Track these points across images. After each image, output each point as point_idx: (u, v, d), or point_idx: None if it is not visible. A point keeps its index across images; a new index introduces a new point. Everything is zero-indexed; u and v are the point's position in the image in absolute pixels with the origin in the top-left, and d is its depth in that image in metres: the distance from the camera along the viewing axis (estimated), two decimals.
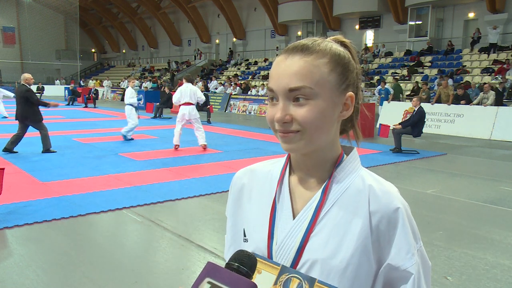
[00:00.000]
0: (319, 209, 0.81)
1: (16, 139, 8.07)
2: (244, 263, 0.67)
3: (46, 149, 8.20)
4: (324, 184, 0.83)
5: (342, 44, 0.84)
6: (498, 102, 12.32)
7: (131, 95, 9.99)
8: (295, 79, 0.75)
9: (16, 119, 8.11)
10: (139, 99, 9.70)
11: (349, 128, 0.89)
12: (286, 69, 0.77)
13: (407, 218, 0.80)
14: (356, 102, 0.84)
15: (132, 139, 10.04)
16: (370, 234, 0.78)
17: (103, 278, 3.20)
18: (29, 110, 7.89)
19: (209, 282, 0.62)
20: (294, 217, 0.83)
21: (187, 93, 8.57)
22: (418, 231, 0.83)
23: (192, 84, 8.98)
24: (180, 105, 8.65)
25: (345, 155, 0.86)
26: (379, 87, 15.05)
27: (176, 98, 8.70)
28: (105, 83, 31.33)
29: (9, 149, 8.06)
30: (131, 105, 9.96)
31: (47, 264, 3.45)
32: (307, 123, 0.76)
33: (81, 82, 29.76)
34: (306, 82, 0.75)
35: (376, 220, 0.79)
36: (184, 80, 8.87)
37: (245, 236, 0.89)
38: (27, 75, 8.10)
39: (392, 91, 14.72)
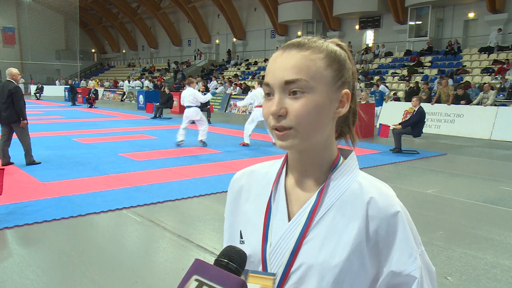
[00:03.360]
0: (313, 212, 0.79)
1: (5, 146, 7.01)
2: (233, 260, 0.65)
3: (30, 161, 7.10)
4: (320, 187, 0.82)
5: (338, 46, 0.84)
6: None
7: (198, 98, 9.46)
8: (291, 72, 0.75)
9: None
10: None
11: (346, 131, 0.88)
12: (283, 62, 0.77)
13: (407, 222, 0.78)
14: (352, 103, 0.83)
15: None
16: (366, 240, 0.77)
17: (103, 278, 3.20)
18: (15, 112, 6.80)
19: (196, 280, 0.60)
20: (289, 220, 0.82)
21: (259, 97, 9.40)
22: (419, 235, 0.81)
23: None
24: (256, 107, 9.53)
25: (341, 158, 0.85)
26: (373, 89, 15.04)
27: (247, 101, 10.00)
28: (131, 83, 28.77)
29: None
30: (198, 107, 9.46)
31: (47, 264, 3.45)
32: (302, 117, 0.75)
33: (73, 81, 28.27)
34: (302, 75, 0.75)
35: (375, 225, 0.77)
36: (257, 85, 9.97)
37: (241, 238, 0.88)
38: (14, 70, 6.97)
39: (387, 92, 14.74)
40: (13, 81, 6.93)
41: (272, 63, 0.79)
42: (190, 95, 9.19)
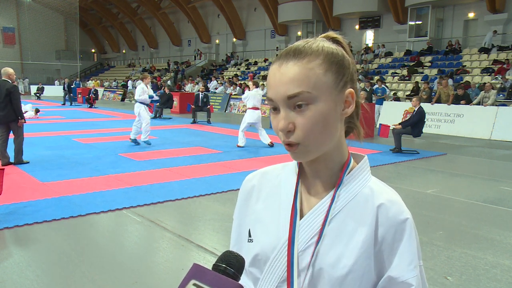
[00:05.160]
0: (327, 211, 0.80)
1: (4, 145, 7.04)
2: (231, 264, 0.65)
3: (18, 160, 7.16)
4: (332, 191, 0.82)
5: (334, 40, 0.83)
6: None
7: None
8: (292, 86, 0.74)
9: None
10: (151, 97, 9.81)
11: (352, 126, 0.87)
12: (282, 77, 0.76)
13: (414, 230, 0.78)
14: (356, 98, 0.82)
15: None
16: (374, 244, 0.77)
17: (103, 278, 3.20)
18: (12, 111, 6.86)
19: (194, 285, 0.61)
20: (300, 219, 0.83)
21: (256, 98, 9.30)
22: (420, 250, 0.81)
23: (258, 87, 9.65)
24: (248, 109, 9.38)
25: (352, 160, 0.85)
26: (376, 86, 15.03)
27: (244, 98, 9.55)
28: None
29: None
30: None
31: (47, 264, 3.45)
32: (309, 131, 0.75)
33: (73, 80, 27.34)
34: (303, 87, 0.74)
35: (384, 230, 0.77)
36: (252, 86, 9.58)
37: (250, 236, 0.88)
38: (9, 70, 7.01)
39: (388, 91, 14.72)
40: (9, 80, 6.93)
41: (272, 77, 0.78)
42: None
